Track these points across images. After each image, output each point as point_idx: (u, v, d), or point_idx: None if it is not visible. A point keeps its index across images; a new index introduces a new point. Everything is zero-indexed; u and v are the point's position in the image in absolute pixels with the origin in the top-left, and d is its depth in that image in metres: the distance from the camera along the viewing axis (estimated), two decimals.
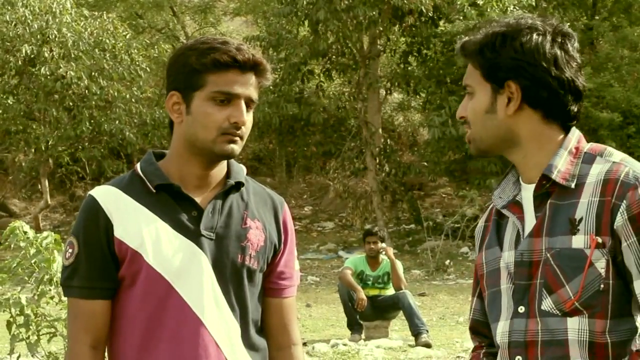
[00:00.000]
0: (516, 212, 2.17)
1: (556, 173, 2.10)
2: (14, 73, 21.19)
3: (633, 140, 19.59)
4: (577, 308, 2.05)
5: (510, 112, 2.13)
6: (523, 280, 2.12)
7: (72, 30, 20.58)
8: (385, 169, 22.16)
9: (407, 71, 22.64)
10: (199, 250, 2.34)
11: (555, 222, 2.09)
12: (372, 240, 10.67)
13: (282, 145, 25.46)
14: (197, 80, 2.32)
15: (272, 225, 2.46)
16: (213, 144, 2.33)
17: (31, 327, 6.16)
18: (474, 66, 2.16)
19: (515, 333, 2.12)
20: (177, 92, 2.36)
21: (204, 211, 2.36)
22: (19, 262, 6.08)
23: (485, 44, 2.14)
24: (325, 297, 15.45)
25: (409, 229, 22.21)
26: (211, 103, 2.32)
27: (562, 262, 2.06)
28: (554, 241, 2.08)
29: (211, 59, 2.31)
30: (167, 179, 2.37)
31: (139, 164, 2.42)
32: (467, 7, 19.54)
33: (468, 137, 2.19)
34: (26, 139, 21.54)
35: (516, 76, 2.11)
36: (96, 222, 2.35)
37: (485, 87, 2.14)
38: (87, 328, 2.34)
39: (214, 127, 2.32)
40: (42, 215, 23.29)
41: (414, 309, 10.29)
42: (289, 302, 2.51)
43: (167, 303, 2.32)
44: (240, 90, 2.32)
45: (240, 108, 2.32)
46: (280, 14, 21.56)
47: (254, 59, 2.33)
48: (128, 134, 20.87)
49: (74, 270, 2.37)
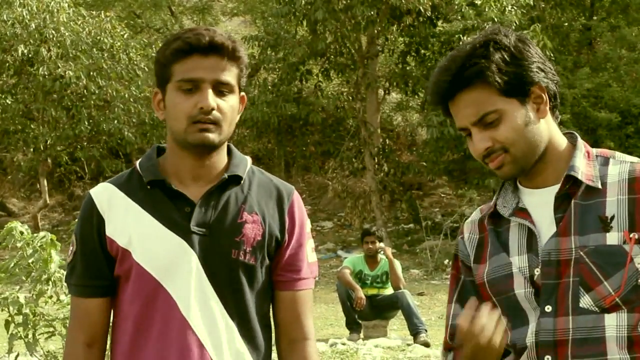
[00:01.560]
0: (525, 217, 2.17)
1: (580, 174, 2.13)
2: (12, 73, 21.18)
3: (632, 140, 19.60)
4: (617, 304, 2.06)
5: (544, 115, 2.14)
6: (551, 279, 2.11)
7: (70, 29, 20.56)
8: (383, 168, 22.16)
9: (405, 71, 22.64)
10: (188, 247, 2.30)
11: (584, 221, 2.10)
12: (370, 240, 10.70)
13: (280, 145, 25.44)
14: (166, 73, 2.31)
15: (274, 217, 2.39)
16: (185, 134, 2.29)
17: (29, 326, 6.16)
18: (485, 91, 2.10)
19: (543, 333, 2.10)
20: (158, 89, 2.35)
21: (195, 206, 2.32)
22: (16, 262, 6.08)
23: (498, 61, 2.10)
24: (324, 297, 15.45)
25: (408, 228, 22.20)
26: (179, 93, 2.29)
27: (598, 259, 2.07)
28: (585, 239, 2.08)
29: (171, 49, 2.29)
30: (159, 175, 2.34)
31: (140, 159, 2.41)
32: (465, 7, 19.54)
33: (501, 162, 2.12)
34: (25, 139, 21.52)
35: (536, 80, 2.12)
36: (90, 220, 2.35)
37: (511, 104, 2.11)
38: (82, 326, 2.35)
39: (183, 116, 2.28)
40: (40, 214, 23.27)
41: (412, 309, 10.30)
42: (301, 295, 2.41)
43: (156, 301, 2.30)
44: (204, 74, 2.27)
45: (205, 92, 2.26)
46: (278, 14, 21.55)
47: (213, 40, 2.27)
48: (127, 133, 20.86)
49: (72, 269, 2.39)
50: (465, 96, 2.10)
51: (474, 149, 2.12)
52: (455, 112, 2.13)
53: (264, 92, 21.80)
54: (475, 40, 2.13)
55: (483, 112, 2.10)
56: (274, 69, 22.59)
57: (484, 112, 2.10)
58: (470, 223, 2.29)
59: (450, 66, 2.10)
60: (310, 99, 23.21)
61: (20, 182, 25.53)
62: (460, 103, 2.11)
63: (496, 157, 2.11)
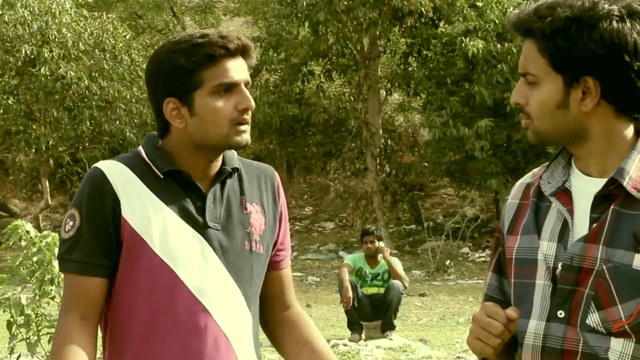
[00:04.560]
0: (565, 202, 1.97)
1: (627, 180, 1.90)
2: (14, 73, 21.20)
3: None
4: (625, 331, 1.89)
5: (586, 109, 1.90)
6: (569, 285, 1.93)
7: (72, 30, 20.59)
8: (385, 169, 22.17)
9: (407, 72, 22.65)
10: (205, 242, 2.30)
11: (616, 233, 1.89)
12: (369, 239, 10.75)
13: (282, 146, 25.45)
14: (194, 80, 2.27)
15: (269, 202, 2.43)
16: (227, 138, 2.28)
17: (32, 327, 6.16)
18: (542, 53, 1.90)
19: (552, 339, 1.95)
20: (172, 97, 2.29)
21: (207, 201, 2.32)
22: (20, 262, 6.08)
23: (558, 30, 1.87)
24: (326, 298, 15.46)
25: (410, 229, 22.21)
26: (215, 97, 2.27)
27: (618, 279, 1.88)
28: (612, 253, 1.89)
29: (203, 54, 2.26)
30: (176, 165, 2.31)
31: (143, 148, 2.35)
32: (467, 9, 19.57)
33: (527, 125, 1.96)
34: (26, 139, 21.53)
35: (595, 71, 1.88)
36: (102, 195, 2.26)
37: (555, 79, 1.91)
38: (79, 301, 2.27)
39: (225, 121, 2.27)
40: (42, 215, 23.29)
41: (395, 305, 10.63)
42: (288, 271, 2.52)
43: (175, 295, 2.27)
44: (238, 76, 2.28)
45: (244, 93, 2.29)
46: (280, 15, 21.57)
47: (243, 43, 2.30)
48: (128, 134, 20.87)
49: (75, 244, 2.28)
50: (526, 45, 1.95)
51: (511, 97, 1.99)
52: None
53: (265, 93, 21.81)
54: (585, 3, 1.89)
55: (525, 70, 1.95)
56: (276, 69, 22.60)
57: (526, 69, 1.94)
58: (518, 186, 2.12)
59: (542, 10, 1.91)
60: (312, 100, 23.23)
61: (22, 182, 25.55)
62: (523, 49, 1.97)
63: (524, 117, 1.98)
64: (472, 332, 1.96)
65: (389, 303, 10.60)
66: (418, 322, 12.83)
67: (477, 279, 17.65)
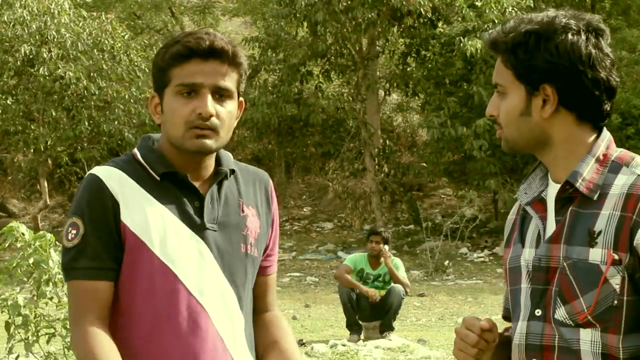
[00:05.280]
0: (539, 210, 2.14)
1: (580, 181, 2.07)
2: (13, 73, 21.18)
3: (632, 142, 19.60)
4: (589, 321, 2.04)
5: (546, 115, 2.08)
6: (540, 284, 2.10)
7: (71, 30, 20.58)
8: (384, 169, 22.18)
9: (405, 72, 22.65)
10: (203, 243, 2.30)
11: (574, 231, 2.06)
12: (376, 239, 10.69)
13: (281, 146, 25.44)
14: (164, 77, 2.28)
15: (264, 206, 2.43)
16: (183, 140, 2.26)
17: (30, 327, 6.16)
18: (505, 65, 2.09)
19: (532, 336, 2.11)
20: (155, 93, 2.32)
21: (205, 202, 2.31)
22: (17, 263, 6.08)
23: (518, 43, 2.06)
24: (324, 298, 15.45)
25: (408, 229, 22.21)
26: (177, 97, 2.26)
27: (577, 274, 2.04)
28: (571, 250, 2.05)
29: (170, 53, 2.26)
30: (172, 167, 2.30)
31: (138, 151, 2.35)
32: (466, 9, 19.57)
33: (500, 135, 2.14)
34: (25, 140, 21.52)
35: (552, 79, 2.05)
36: (102, 201, 2.25)
37: (518, 88, 2.08)
38: (90, 306, 2.24)
39: (180, 122, 2.25)
40: (41, 215, 23.28)
41: (395, 309, 10.63)
42: (274, 277, 2.52)
43: (175, 296, 2.27)
44: (203, 79, 2.24)
45: (205, 98, 2.24)
46: (279, 15, 21.56)
47: (213, 45, 2.24)
48: (127, 134, 20.86)
49: (80, 251, 2.26)
50: (498, 60, 2.14)
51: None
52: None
53: (264, 93, 21.81)
54: (525, 17, 2.11)
55: (496, 81, 2.13)
56: (275, 70, 22.60)
57: (496, 81, 2.13)
58: (517, 203, 2.29)
59: (508, 27, 2.11)
60: (311, 100, 23.22)
61: (21, 183, 25.54)
62: (496, 64, 2.15)
63: (497, 127, 2.15)
64: (454, 343, 2.16)
65: (389, 306, 10.57)
66: (417, 322, 12.83)
67: (475, 279, 17.65)
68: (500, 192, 20.40)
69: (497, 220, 21.52)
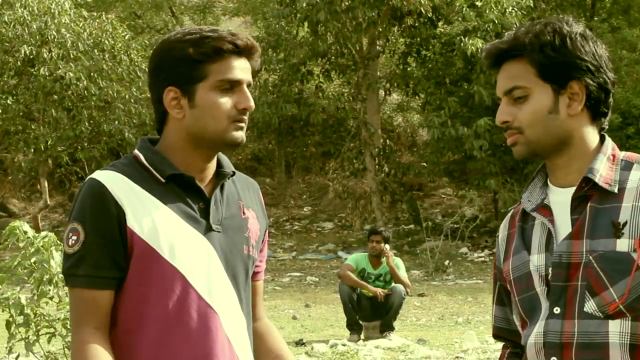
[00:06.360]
0: (546, 215, 2.18)
1: (598, 177, 2.12)
2: (13, 73, 21.19)
3: (632, 141, 19.61)
4: (620, 311, 2.07)
5: (573, 113, 2.14)
6: (560, 281, 2.12)
7: (71, 31, 20.59)
8: (384, 169, 22.18)
9: (406, 72, 22.66)
10: (209, 244, 2.29)
11: (596, 225, 2.10)
12: (376, 239, 10.70)
13: (281, 146, 25.46)
14: (199, 72, 2.26)
15: (259, 211, 2.45)
16: (224, 133, 2.28)
17: (30, 326, 6.16)
18: (531, 64, 2.13)
19: (551, 334, 2.12)
20: (174, 87, 2.28)
21: (210, 203, 2.31)
22: (19, 262, 6.08)
23: (546, 43, 2.12)
24: (325, 297, 15.46)
25: (408, 229, 22.22)
26: (217, 92, 2.27)
27: (605, 265, 2.08)
28: (596, 244, 2.09)
29: (211, 47, 2.25)
30: (178, 169, 2.29)
31: (140, 152, 2.32)
32: (466, 9, 19.58)
33: (515, 140, 2.16)
34: (25, 139, 21.53)
35: (580, 76, 2.12)
36: (105, 208, 2.23)
37: (544, 88, 2.13)
38: (90, 314, 2.24)
39: (223, 116, 2.27)
40: (41, 215, 23.29)
41: (395, 309, 10.65)
42: (262, 283, 2.54)
43: (185, 300, 2.26)
44: (242, 75, 2.29)
45: (246, 93, 2.30)
46: (279, 15, 21.57)
47: (251, 43, 2.31)
48: (127, 134, 20.87)
49: (80, 258, 2.24)
50: (508, 66, 2.17)
51: (496, 118, 2.19)
52: (497, 80, 2.20)
53: (264, 93, 21.82)
54: (539, 21, 2.17)
55: (513, 85, 2.15)
56: (275, 69, 22.61)
57: (514, 84, 2.15)
58: (504, 221, 2.33)
59: (509, 36, 2.17)
60: (311, 100, 23.23)
61: (21, 182, 25.55)
62: (503, 72, 2.18)
63: (511, 134, 2.17)
64: None
65: (390, 306, 10.59)
66: (417, 322, 12.83)
67: (475, 279, 17.66)
68: (500, 191, 20.41)
69: (497, 220, 21.52)
